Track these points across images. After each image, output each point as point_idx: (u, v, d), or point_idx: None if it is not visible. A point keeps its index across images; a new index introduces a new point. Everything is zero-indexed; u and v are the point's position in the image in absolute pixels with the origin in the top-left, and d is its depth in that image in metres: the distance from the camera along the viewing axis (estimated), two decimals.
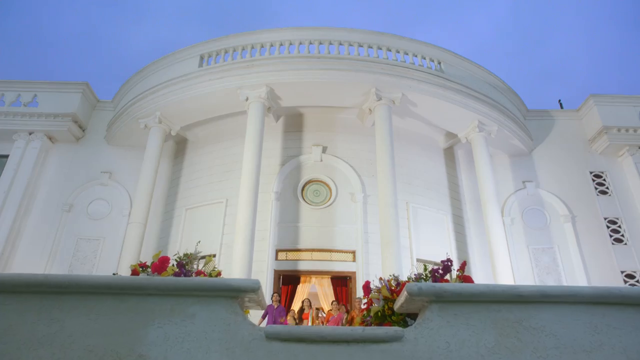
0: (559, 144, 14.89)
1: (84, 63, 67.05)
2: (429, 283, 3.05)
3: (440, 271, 4.59)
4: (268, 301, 10.15)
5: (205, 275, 5.43)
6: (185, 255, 5.33)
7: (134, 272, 4.96)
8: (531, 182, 14.24)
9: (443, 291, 3.01)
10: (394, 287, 4.43)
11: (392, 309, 4.07)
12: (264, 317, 9.32)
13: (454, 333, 2.92)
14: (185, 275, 4.86)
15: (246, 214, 10.62)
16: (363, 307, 5.76)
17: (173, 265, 4.97)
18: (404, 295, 3.12)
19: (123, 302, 2.88)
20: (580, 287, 3.15)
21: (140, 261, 10.15)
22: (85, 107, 14.81)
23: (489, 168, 12.81)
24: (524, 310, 3.03)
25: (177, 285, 2.92)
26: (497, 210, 12.31)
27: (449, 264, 4.66)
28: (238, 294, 2.94)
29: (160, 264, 4.84)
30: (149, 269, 4.94)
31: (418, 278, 4.73)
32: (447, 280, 4.55)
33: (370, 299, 4.51)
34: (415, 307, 3.20)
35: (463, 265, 4.73)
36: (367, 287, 4.85)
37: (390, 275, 4.81)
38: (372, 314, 4.34)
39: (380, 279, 4.79)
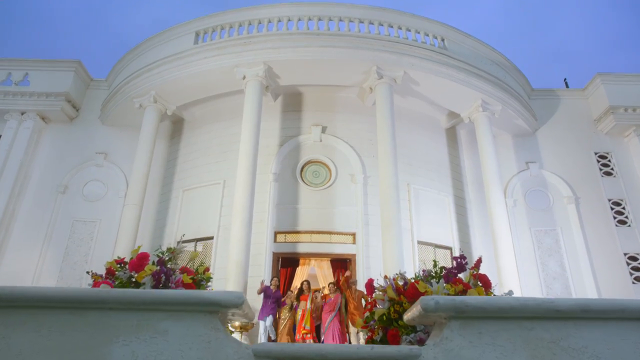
0: (563, 124, 14.56)
1: (78, 41, 65.79)
2: (448, 297, 2.60)
3: (454, 270, 4.18)
4: (267, 283, 10.02)
5: (191, 273, 4.71)
6: (168, 250, 4.75)
7: (109, 271, 4.51)
8: (535, 163, 13.97)
9: (465, 306, 2.55)
10: (401, 287, 4.04)
11: (399, 312, 3.70)
12: (262, 291, 9.15)
13: (478, 355, 2.48)
14: (166, 275, 4.30)
15: (244, 195, 10.39)
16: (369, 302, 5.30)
17: (153, 262, 4.42)
18: (417, 309, 2.68)
19: (82, 317, 2.50)
20: (629, 301, 2.66)
21: (137, 246, 9.95)
22: (78, 86, 14.42)
23: (492, 149, 12.53)
24: (561, 328, 2.56)
25: (142, 298, 2.53)
26: (500, 191, 12.08)
27: (463, 262, 4.24)
28: (217, 308, 2.55)
29: (138, 262, 4.34)
30: (126, 267, 4.46)
31: (427, 277, 4.25)
32: (461, 280, 4.09)
33: (374, 300, 4.11)
34: (430, 321, 2.80)
35: (478, 263, 4.29)
36: (370, 286, 4.42)
37: (397, 274, 4.35)
38: (376, 317, 3.93)
39: (386, 277, 4.31)
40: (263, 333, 8.93)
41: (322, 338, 8.91)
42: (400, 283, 4.13)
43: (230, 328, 7.69)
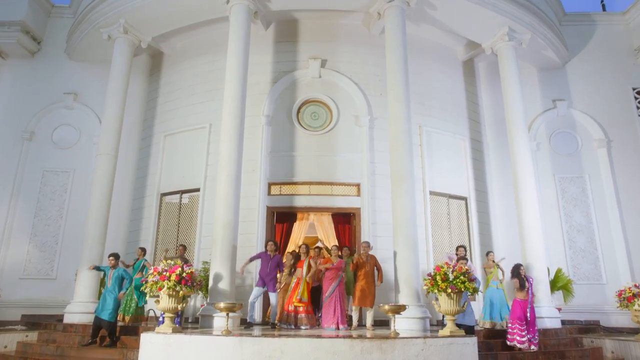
0: (598, 54, 12.69)
1: None
2: None
3: None
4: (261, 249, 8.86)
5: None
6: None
7: None
8: (563, 101, 12.31)
9: None
10: None
11: None
12: (251, 259, 7.99)
13: None
14: None
15: (230, 144, 8.88)
16: None
17: None
18: None
19: None
20: None
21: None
22: (37, 13, 12.39)
23: (517, 84, 10.82)
24: None
25: None
26: (525, 134, 10.55)
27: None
28: None
29: None
30: None
31: None
32: None
33: None
34: None
35: None
36: None
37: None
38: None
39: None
40: (253, 299, 7.79)
41: (320, 313, 7.82)
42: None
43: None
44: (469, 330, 6.67)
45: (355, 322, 7.61)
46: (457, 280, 5.94)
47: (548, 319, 8.81)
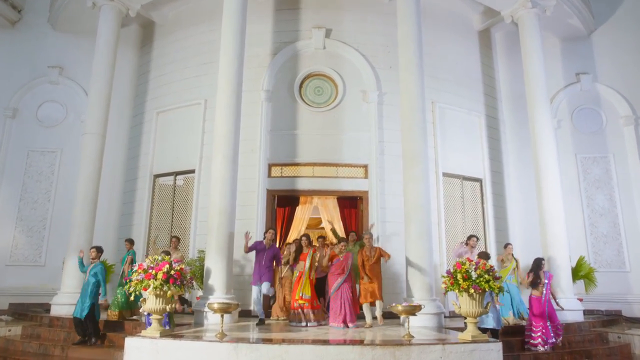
0: (628, 22, 11.57)
1: None
2: None
3: None
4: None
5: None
6: None
7: None
8: (587, 75, 11.36)
9: None
10: None
11: None
12: (251, 249, 7.31)
13: None
14: None
15: (227, 120, 8.06)
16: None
17: None
18: None
19: None
20: None
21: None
22: None
23: (540, 56, 9.87)
24: None
25: None
26: (547, 110, 9.68)
27: None
28: None
29: None
30: None
31: None
32: None
33: None
34: None
35: None
36: None
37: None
38: None
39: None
40: (257, 302, 7.20)
41: (327, 304, 7.19)
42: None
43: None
44: (492, 334, 6.03)
45: (368, 320, 6.94)
46: (481, 279, 5.24)
47: (570, 312, 8.16)
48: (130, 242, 8.41)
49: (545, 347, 6.42)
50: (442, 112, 10.18)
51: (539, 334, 6.48)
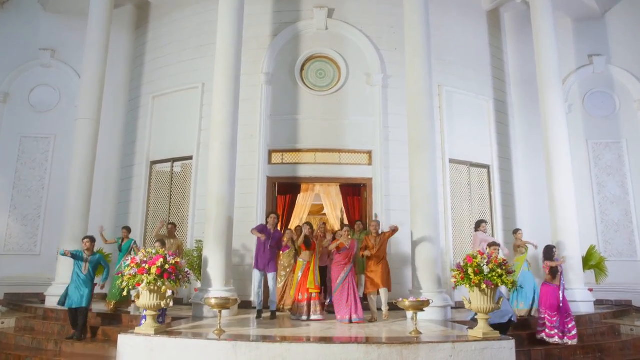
0: None
1: None
2: None
3: None
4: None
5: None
6: None
7: None
8: (600, 57, 10.90)
9: None
10: None
11: None
12: (259, 230, 6.95)
13: None
14: None
15: (225, 104, 7.72)
16: None
17: None
18: None
19: None
20: None
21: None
22: None
23: (553, 37, 9.43)
24: None
25: None
26: (560, 93, 9.27)
27: None
28: None
29: None
30: None
31: None
32: None
33: None
34: None
35: None
36: None
37: None
38: None
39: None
40: (257, 288, 6.92)
41: (329, 300, 6.93)
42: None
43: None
44: (503, 329, 5.77)
45: (375, 311, 6.69)
46: (494, 273, 4.95)
47: (582, 303, 7.92)
48: (128, 230, 8.12)
49: (564, 339, 6.18)
50: (449, 96, 9.80)
51: (555, 324, 6.25)
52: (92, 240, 6.71)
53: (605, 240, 10.04)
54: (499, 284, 4.97)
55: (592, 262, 8.92)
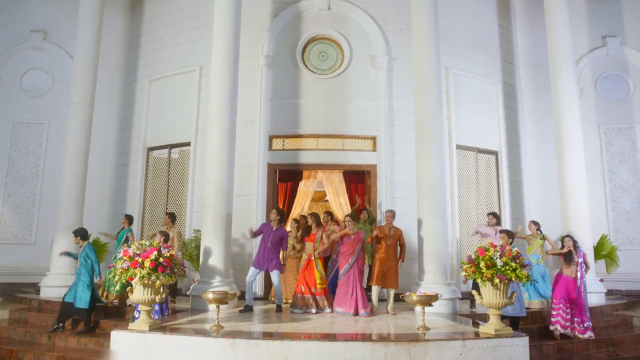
0: None
1: None
2: None
3: None
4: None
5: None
6: None
7: None
8: (614, 38, 10.47)
9: None
10: None
11: None
12: (256, 234, 6.75)
13: None
14: None
15: (223, 88, 7.36)
16: None
17: None
18: None
19: None
20: None
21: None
22: None
23: (566, 16, 8.98)
24: None
25: None
26: (572, 76, 8.85)
27: None
28: None
29: None
30: None
31: None
32: None
33: None
34: None
35: None
36: None
37: None
38: None
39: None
40: (249, 287, 6.57)
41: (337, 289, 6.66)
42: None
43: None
44: (515, 322, 5.51)
45: (375, 302, 6.46)
46: (507, 267, 4.66)
47: (595, 294, 7.65)
48: (128, 218, 7.82)
49: (586, 333, 5.96)
50: (457, 79, 9.42)
51: (568, 317, 6.02)
52: (77, 234, 6.39)
53: (616, 229, 9.77)
54: (513, 279, 4.69)
55: (603, 251, 8.64)
